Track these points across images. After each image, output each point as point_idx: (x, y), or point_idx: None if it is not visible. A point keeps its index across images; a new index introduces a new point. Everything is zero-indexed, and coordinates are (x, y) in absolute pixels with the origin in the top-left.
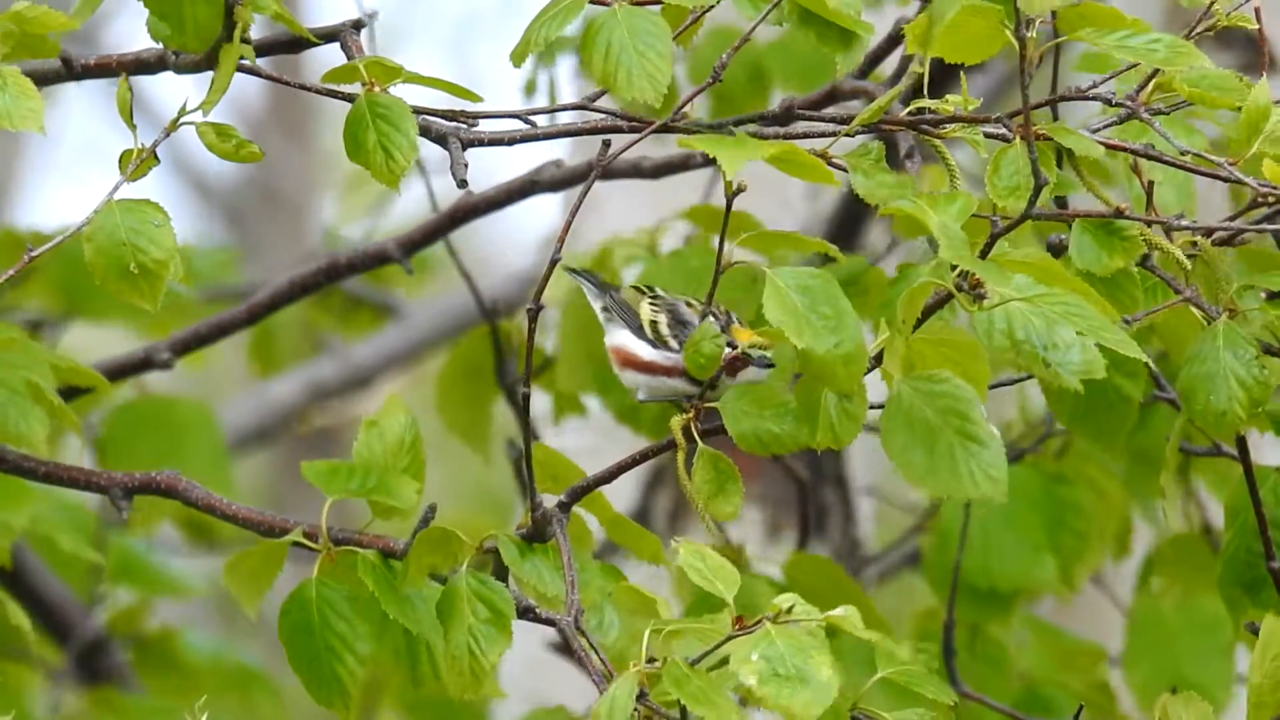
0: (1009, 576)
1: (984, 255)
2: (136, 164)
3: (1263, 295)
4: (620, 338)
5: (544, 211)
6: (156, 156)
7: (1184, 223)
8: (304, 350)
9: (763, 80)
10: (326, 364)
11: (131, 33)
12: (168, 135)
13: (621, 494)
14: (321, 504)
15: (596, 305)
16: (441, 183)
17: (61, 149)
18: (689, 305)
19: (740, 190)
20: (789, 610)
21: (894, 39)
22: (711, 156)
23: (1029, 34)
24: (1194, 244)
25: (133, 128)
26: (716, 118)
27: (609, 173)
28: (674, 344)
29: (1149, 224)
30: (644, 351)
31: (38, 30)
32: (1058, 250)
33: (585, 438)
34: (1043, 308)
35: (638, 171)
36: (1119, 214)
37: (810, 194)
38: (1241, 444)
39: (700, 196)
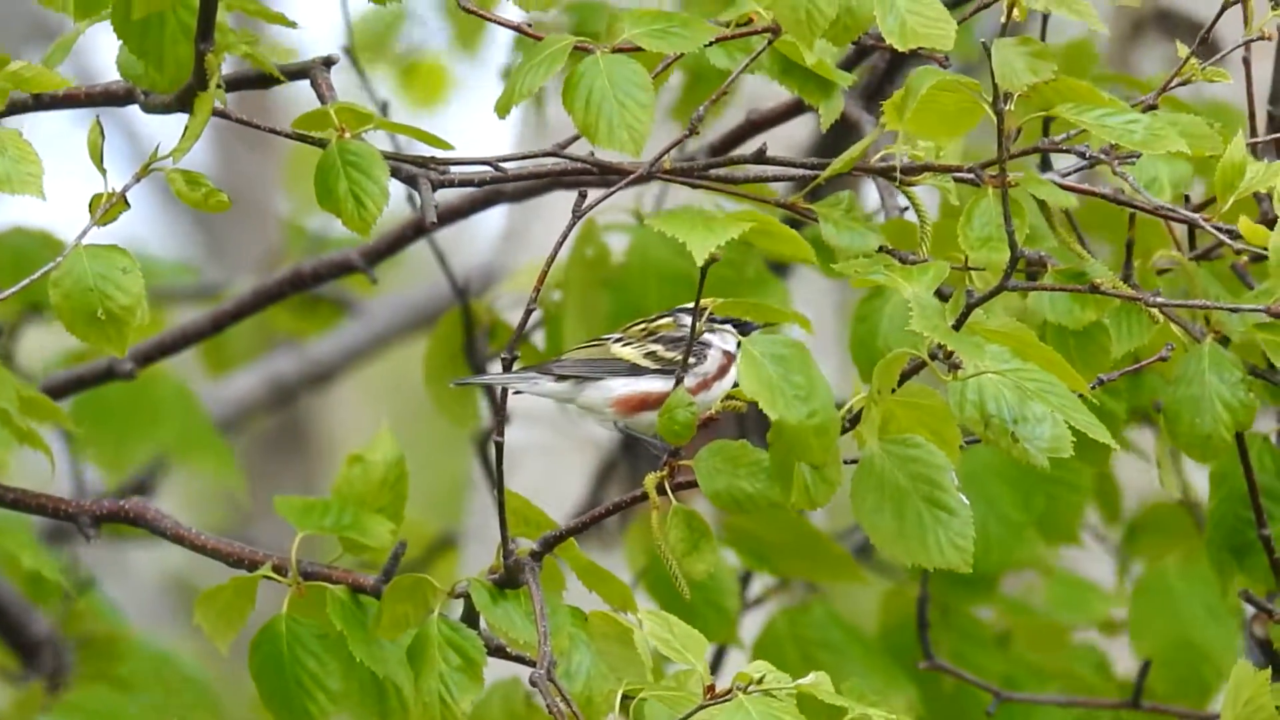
0: (990, 558)
1: (958, 326)
2: (106, 208)
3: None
4: (618, 388)
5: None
6: (127, 201)
7: (1159, 300)
8: (257, 348)
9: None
10: (286, 359)
11: (100, 38)
12: (138, 180)
13: (572, 491)
14: None
15: (548, 386)
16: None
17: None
18: (659, 327)
19: (713, 261)
20: (760, 680)
21: (861, 52)
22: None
23: (1006, 107)
24: (1170, 257)
25: (103, 172)
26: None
27: (568, 181)
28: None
29: (1122, 298)
30: (659, 386)
31: (34, 89)
32: (1035, 264)
33: (537, 433)
34: (1016, 380)
35: (604, 182)
36: (1095, 289)
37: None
38: None
39: (648, 196)
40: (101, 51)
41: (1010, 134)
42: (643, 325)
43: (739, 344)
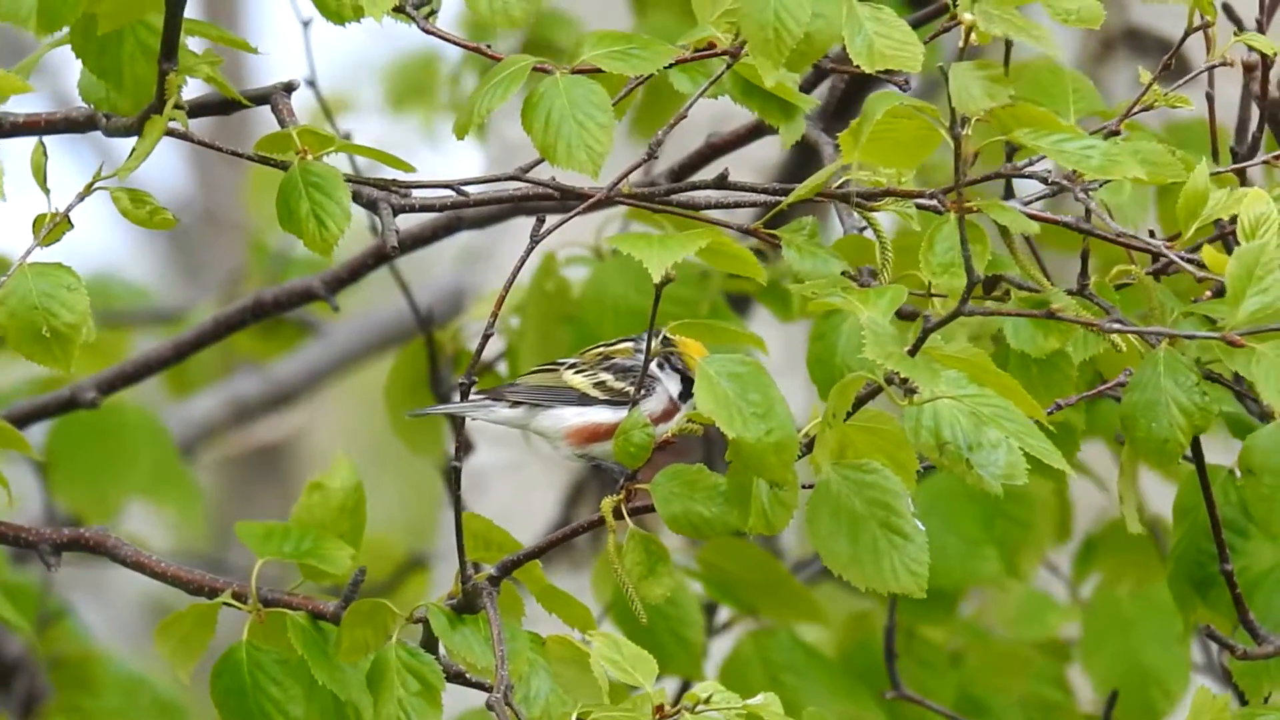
0: (951, 575)
1: (914, 352)
2: (50, 228)
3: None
4: (570, 417)
5: None
6: (70, 221)
7: (1116, 326)
8: (218, 369)
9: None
10: (248, 380)
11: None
12: (81, 199)
13: (543, 511)
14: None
15: (502, 413)
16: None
17: None
18: (615, 352)
19: (669, 281)
20: (708, 699)
21: (820, 75)
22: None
23: (964, 131)
24: (1129, 272)
25: (46, 191)
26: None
27: (530, 207)
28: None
29: (1082, 324)
30: (607, 417)
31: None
32: (991, 284)
33: (505, 453)
34: (972, 406)
35: (563, 208)
36: (1051, 315)
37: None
38: (1195, 442)
39: (610, 229)
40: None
41: (967, 159)
42: (600, 350)
43: (682, 393)
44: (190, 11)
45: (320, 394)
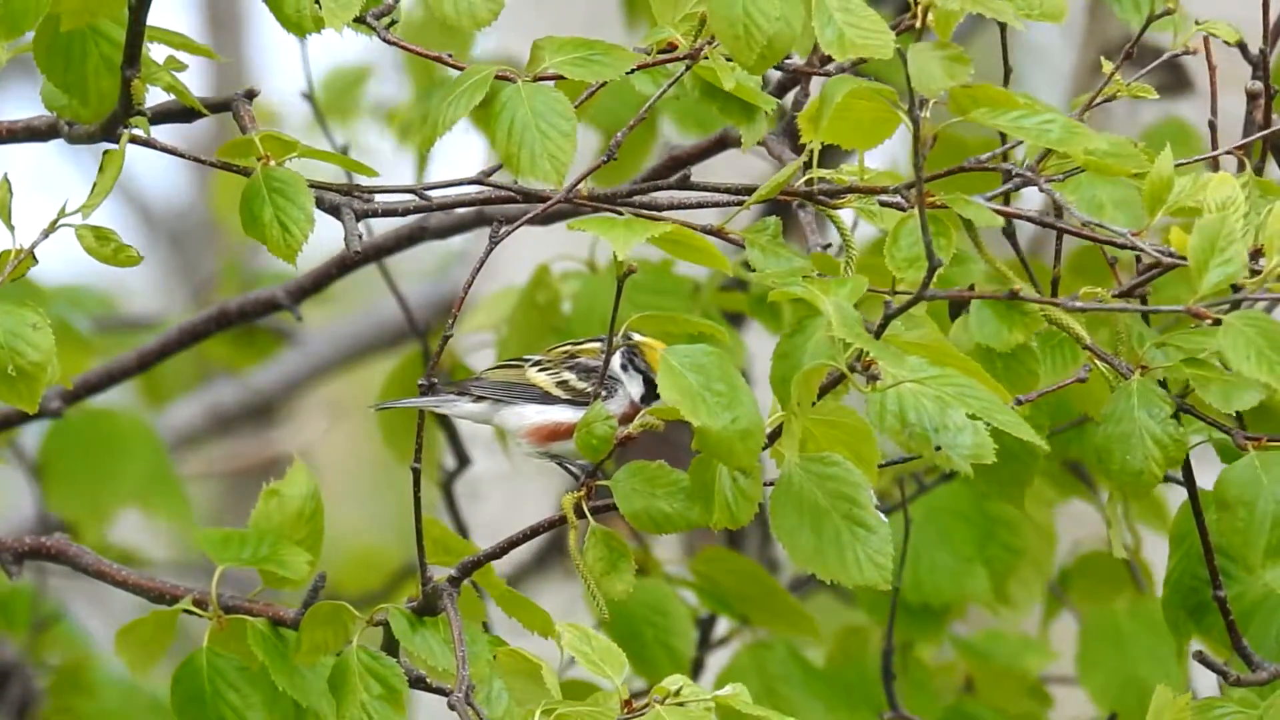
0: (941, 591)
1: (878, 335)
2: (14, 265)
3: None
4: (531, 415)
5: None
6: (35, 257)
7: (1079, 304)
8: (193, 378)
9: (650, 120)
10: (226, 388)
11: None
12: (46, 236)
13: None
14: None
15: (466, 408)
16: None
17: None
18: (581, 351)
19: (631, 272)
20: (677, 692)
21: (787, 83)
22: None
23: (923, 114)
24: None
25: (11, 229)
26: (600, 154)
27: (499, 210)
28: (601, 391)
29: (1045, 304)
30: (567, 416)
31: None
32: (959, 307)
33: (497, 462)
34: (935, 389)
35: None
36: (1014, 295)
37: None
38: (1187, 469)
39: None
40: None
41: (926, 141)
42: (567, 348)
43: (644, 395)
44: (190, 19)
45: (321, 405)
